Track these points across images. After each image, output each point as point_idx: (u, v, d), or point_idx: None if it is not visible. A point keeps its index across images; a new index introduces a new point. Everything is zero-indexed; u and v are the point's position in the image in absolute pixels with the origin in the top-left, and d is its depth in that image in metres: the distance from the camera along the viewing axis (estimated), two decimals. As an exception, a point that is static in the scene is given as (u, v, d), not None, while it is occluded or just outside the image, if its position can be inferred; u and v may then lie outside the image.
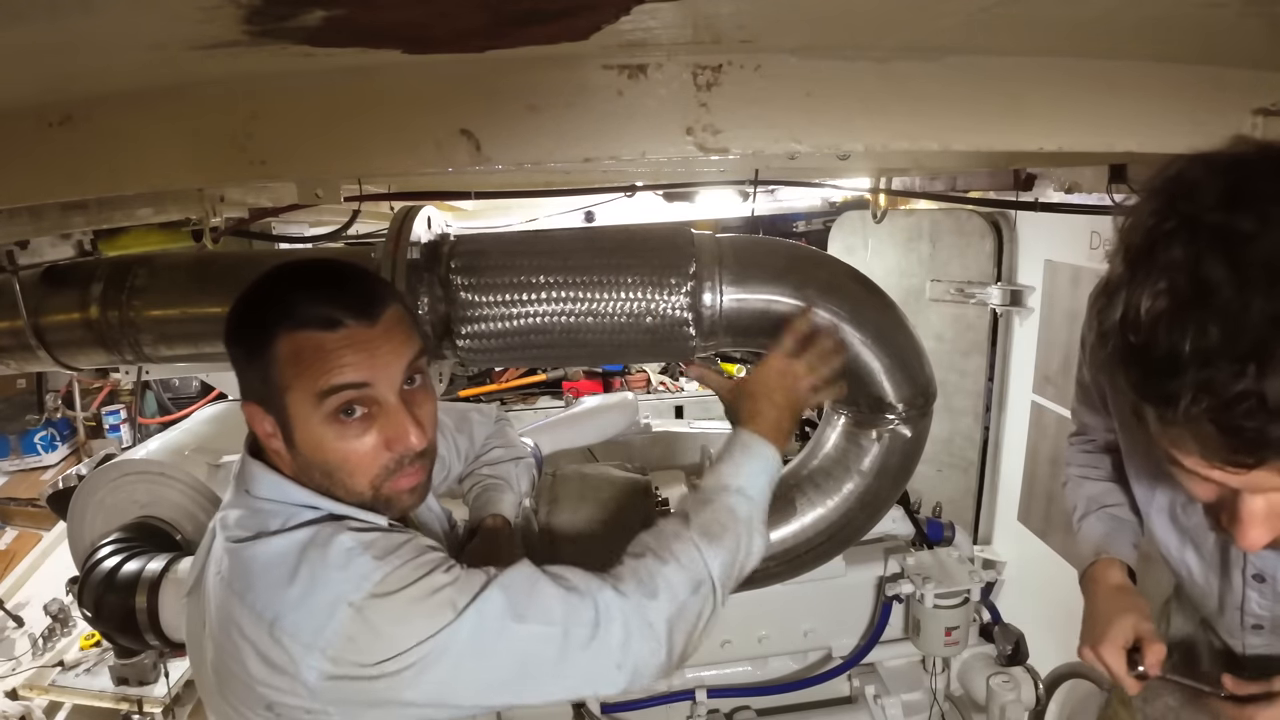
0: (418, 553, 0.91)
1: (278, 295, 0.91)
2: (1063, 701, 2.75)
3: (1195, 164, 0.70)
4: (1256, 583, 1.08)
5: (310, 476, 0.94)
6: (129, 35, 0.74)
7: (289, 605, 0.84)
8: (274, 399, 0.90)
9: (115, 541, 1.73)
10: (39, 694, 2.34)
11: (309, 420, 0.90)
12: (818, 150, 1.02)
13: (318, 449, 0.91)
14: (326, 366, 0.88)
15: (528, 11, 0.78)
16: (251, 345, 0.90)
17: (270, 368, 0.89)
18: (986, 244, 3.23)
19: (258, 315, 0.91)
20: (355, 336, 0.89)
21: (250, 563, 0.88)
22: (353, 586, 0.84)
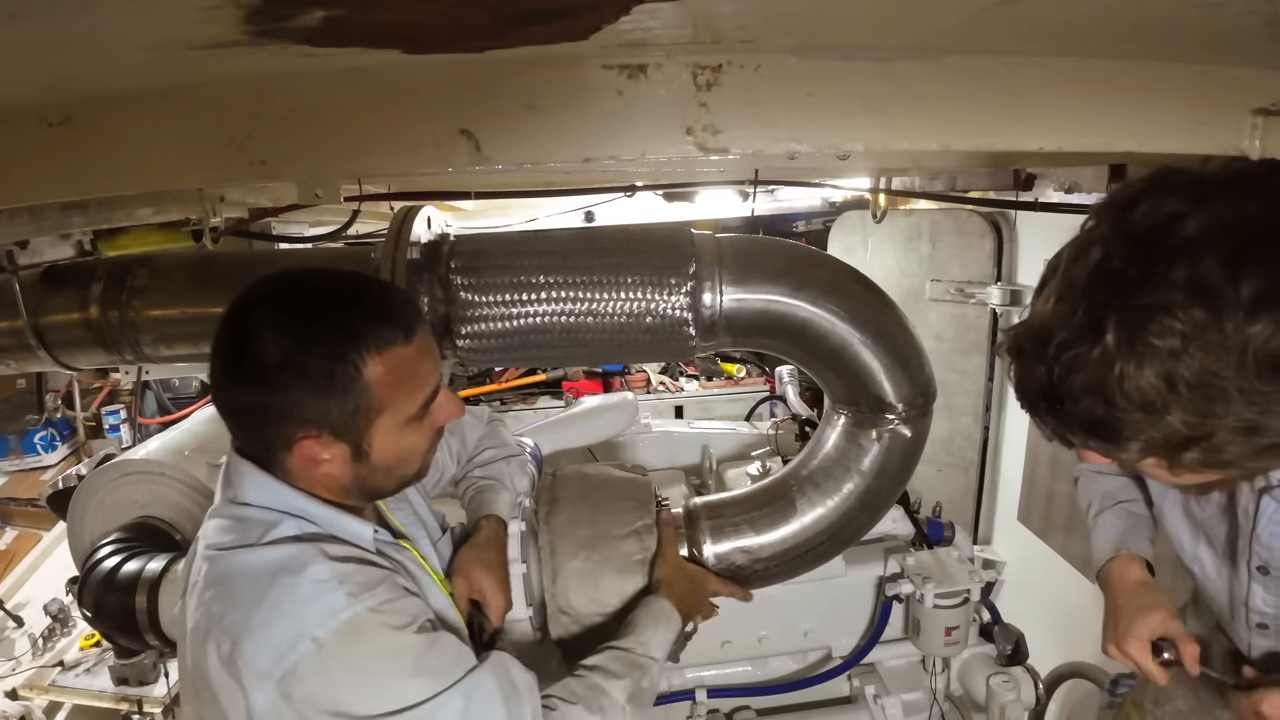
0: (395, 595, 0.90)
1: (343, 325, 0.88)
2: (1063, 701, 2.75)
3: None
4: (1261, 575, 1.09)
5: (367, 481, 0.96)
6: (129, 35, 0.74)
7: (252, 629, 0.83)
8: (358, 423, 0.90)
9: (115, 541, 1.73)
10: (39, 694, 2.34)
11: (398, 432, 0.93)
12: (818, 150, 1.02)
13: (397, 452, 0.95)
14: (418, 377, 0.93)
15: (528, 11, 0.78)
16: (333, 381, 0.87)
17: (361, 396, 0.88)
18: (986, 244, 3.23)
19: (333, 350, 0.87)
20: (422, 343, 0.94)
21: (224, 576, 0.88)
22: (318, 621, 0.83)
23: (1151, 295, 0.70)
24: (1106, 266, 0.73)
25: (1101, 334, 0.72)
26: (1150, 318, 0.70)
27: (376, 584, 0.89)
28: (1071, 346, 0.74)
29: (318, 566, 0.87)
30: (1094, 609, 2.23)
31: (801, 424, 2.51)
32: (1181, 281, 0.68)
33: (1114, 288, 0.72)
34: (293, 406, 0.88)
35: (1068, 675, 2.57)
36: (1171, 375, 0.70)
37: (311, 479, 0.95)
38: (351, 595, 0.86)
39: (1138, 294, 0.71)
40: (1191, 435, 0.74)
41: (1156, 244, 0.71)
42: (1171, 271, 0.69)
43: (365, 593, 0.87)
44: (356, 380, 0.87)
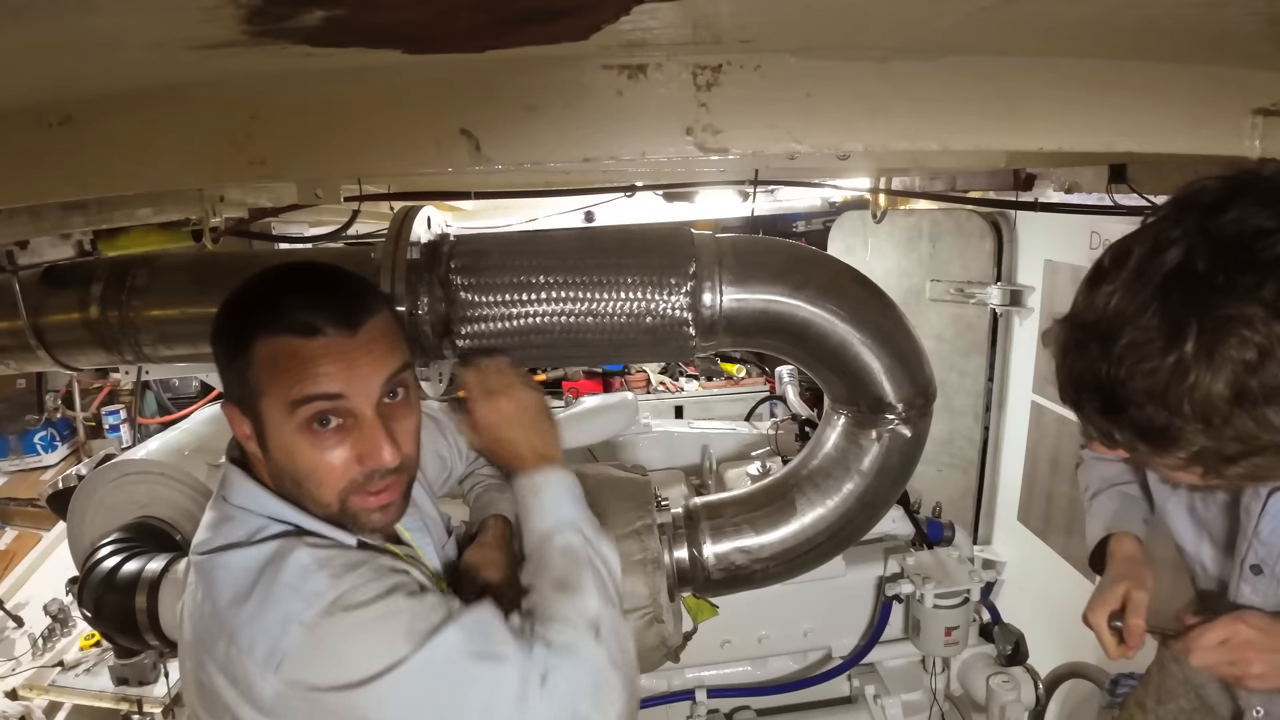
0: (377, 574, 0.89)
1: (263, 297, 0.90)
2: (1063, 701, 2.75)
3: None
4: (1253, 574, 1.09)
5: (281, 483, 0.93)
6: (129, 35, 0.74)
7: (244, 620, 0.83)
8: (251, 402, 0.90)
9: (115, 541, 1.73)
10: (39, 694, 2.34)
11: (282, 427, 0.89)
12: (818, 150, 1.02)
13: (289, 456, 0.90)
14: (301, 375, 0.87)
15: (528, 11, 0.78)
16: (231, 346, 0.90)
17: (247, 370, 0.88)
18: (986, 244, 3.23)
19: (241, 316, 0.90)
20: (333, 346, 0.87)
21: (214, 574, 0.88)
22: (304, 604, 0.83)
23: (1236, 306, 0.68)
24: (1190, 269, 0.71)
25: (1180, 340, 0.70)
26: (1232, 329, 0.68)
27: (359, 564, 0.89)
28: (1141, 349, 0.72)
29: (300, 553, 0.87)
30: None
31: (801, 424, 2.51)
32: (1269, 298, 0.67)
33: (1197, 293, 0.70)
34: (221, 371, 0.94)
35: (1068, 675, 2.57)
36: (1242, 389, 0.69)
37: (254, 461, 0.96)
38: (334, 577, 0.86)
39: (1223, 302, 0.69)
40: (1243, 450, 0.73)
41: (1246, 255, 0.69)
42: (1261, 288, 0.68)
43: (349, 573, 0.87)
44: (244, 354, 0.88)
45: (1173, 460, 0.77)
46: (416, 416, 0.97)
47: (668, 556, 1.48)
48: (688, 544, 1.51)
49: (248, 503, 0.94)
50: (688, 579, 1.53)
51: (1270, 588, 1.08)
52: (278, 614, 0.83)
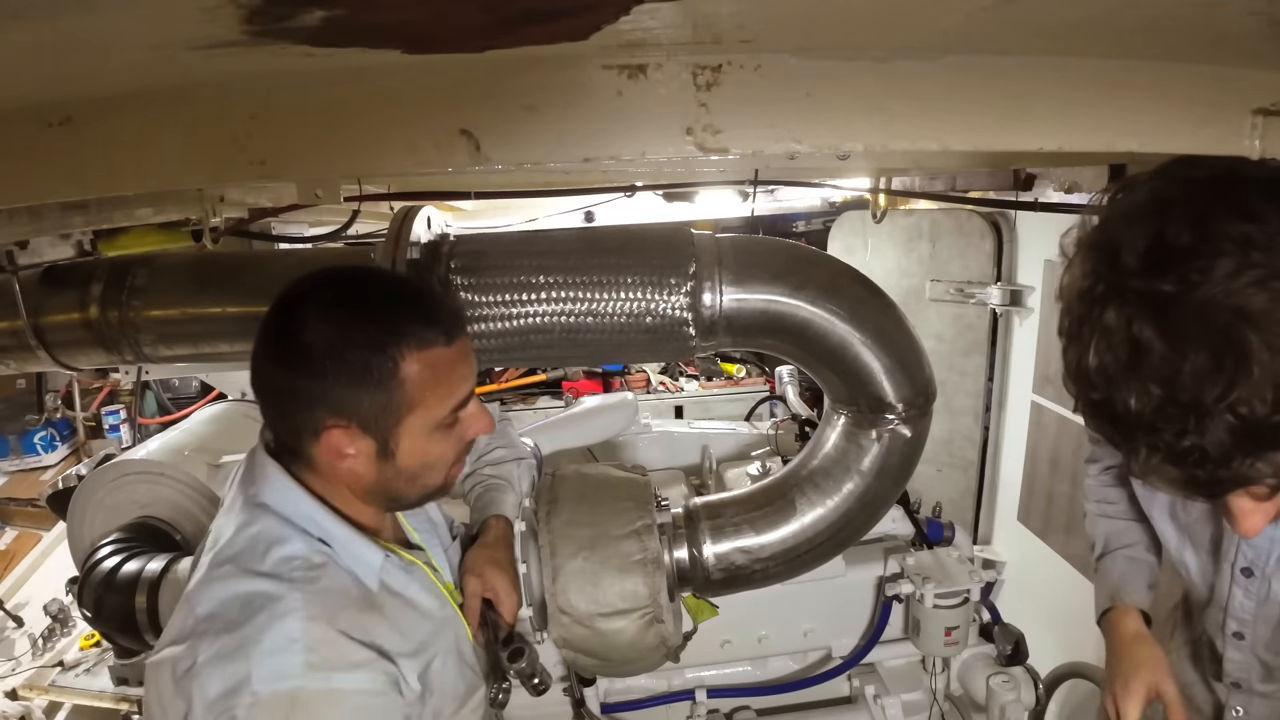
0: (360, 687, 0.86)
1: (386, 321, 0.90)
2: (1062, 701, 2.75)
3: (1117, 220, 0.73)
4: (1244, 577, 1.09)
5: (389, 487, 0.95)
6: (129, 35, 0.74)
7: (214, 655, 0.82)
8: (387, 419, 0.90)
9: (115, 541, 1.73)
10: (39, 694, 2.34)
11: (423, 432, 0.92)
12: (818, 150, 1.02)
13: (423, 456, 0.94)
14: (451, 380, 0.93)
15: (527, 11, 0.78)
16: (369, 371, 0.88)
17: (397, 390, 0.89)
18: (986, 244, 3.23)
19: (370, 339, 0.88)
20: (461, 347, 0.95)
21: (214, 592, 0.87)
22: (265, 676, 0.81)
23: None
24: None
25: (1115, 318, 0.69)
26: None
27: (350, 668, 0.86)
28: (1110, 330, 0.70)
29: (293, 622, 0.84)
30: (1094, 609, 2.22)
31: (801, 424, 2.51)
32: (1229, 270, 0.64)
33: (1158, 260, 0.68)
34: (327, 393, 0.89)
35: (1068, 675, 2.57)
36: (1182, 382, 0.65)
37: (335, 474, 0.94)
38: (310, 666, 0.83)
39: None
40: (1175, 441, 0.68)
41: (1217, 235, 0.66)
42: (1220, 262, 0.64)
43: (327, 670, 0.84)
44: (393, 375, 0.88)
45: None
46: None
47: (668, 556, 1.48)
48: (688, 544, 1.51)
49: (282, 504, 0.93)
50: (688, 579, 1.53)
51: (1262, 589, 1.07)
52: (241, 670, 0.81)
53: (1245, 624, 1.12)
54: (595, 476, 1.54)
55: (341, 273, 0.96)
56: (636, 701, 2.02)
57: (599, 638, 1.41)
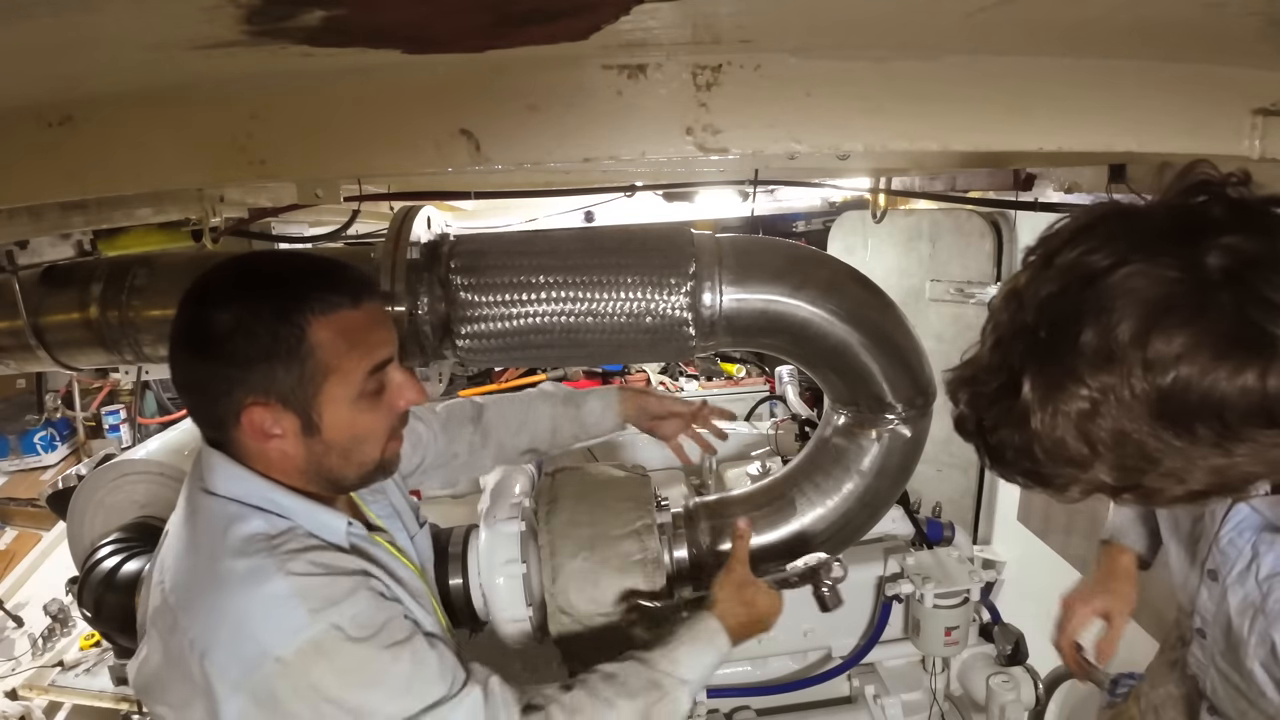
0: (360, 608, 0.88)
1: (284, 286, 0.90)
2: (1062, 701, 2.75)
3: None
4: (1210, 579, 1.09)
5: (322, 462, 0.93)
6: (129, 35, 0.74)
7: (219, 643, 0.83)
8: (306, 390, 0.89)
9: (115, 541, 1.73)
10: (39, 694, 2.34)
11: (345, 402, 0.91)
12: (817, 150, 1.02)
13: (349, 427, 0.92)
14: (365, 343, 0.91)
15: (528, 11, 0.78)
16: (278, 342, 0.88)
17: (309, 358, 0.88)
18: (986, 244, 3.23)
19: (277, 309, 0.88)
20: (372, 311, 0.93)
21: (189, 580, 0.88)
22: (280, 639, 0.83)
23: (1061, 361, 0.69)
24: (1022, 323, 0.73)
25: (1018, 394, 0.72)
26: (1060, 384, 0.69)
27: (342, 597, 0.87)
28: (996, 402, 0.75)
29: (277, 582, 0.85)
30: (1094, 609, 2.17)
31: (801, 424, 2.51)
32: (1091, 347, 0.67)
33: (1028, 348, 0.72)
34: (241, 372, 0.88)
35: (1068, 675, 2.56)
36: (1088, 436, 0.69)
37: (267, 459, 0.92)
38: (313, 611, 0.84)
39: (1049, 358, 0.70)
40: (1123, 484, 0.73)
41: (1071, 303, 0.69)
42: (1083, 336, 0.68)
43: (329, 608, 0.85)
44: (301, 342, 0.87)
45: (1072, 496, 0.77)
46: None
47: (668, 556, 1.48)
48: (687, 544, 1.51)
49: (232, 489, 0.92)
50: (688, 579, 1.53)
51: (1218, 594, 1.07)
52: (253, 647, 0.82)
53: (1206, 623, 1.13)
54: (595, 476, 1.54)
55: (239, 258, 0.96)
56: (636, 701, 2.01)
57: (599, 638, 1.41)
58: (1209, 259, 0.65)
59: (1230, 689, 1.12)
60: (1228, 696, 1.14)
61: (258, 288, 0.90)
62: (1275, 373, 0.63)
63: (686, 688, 1.12)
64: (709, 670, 1.17)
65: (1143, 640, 2.58)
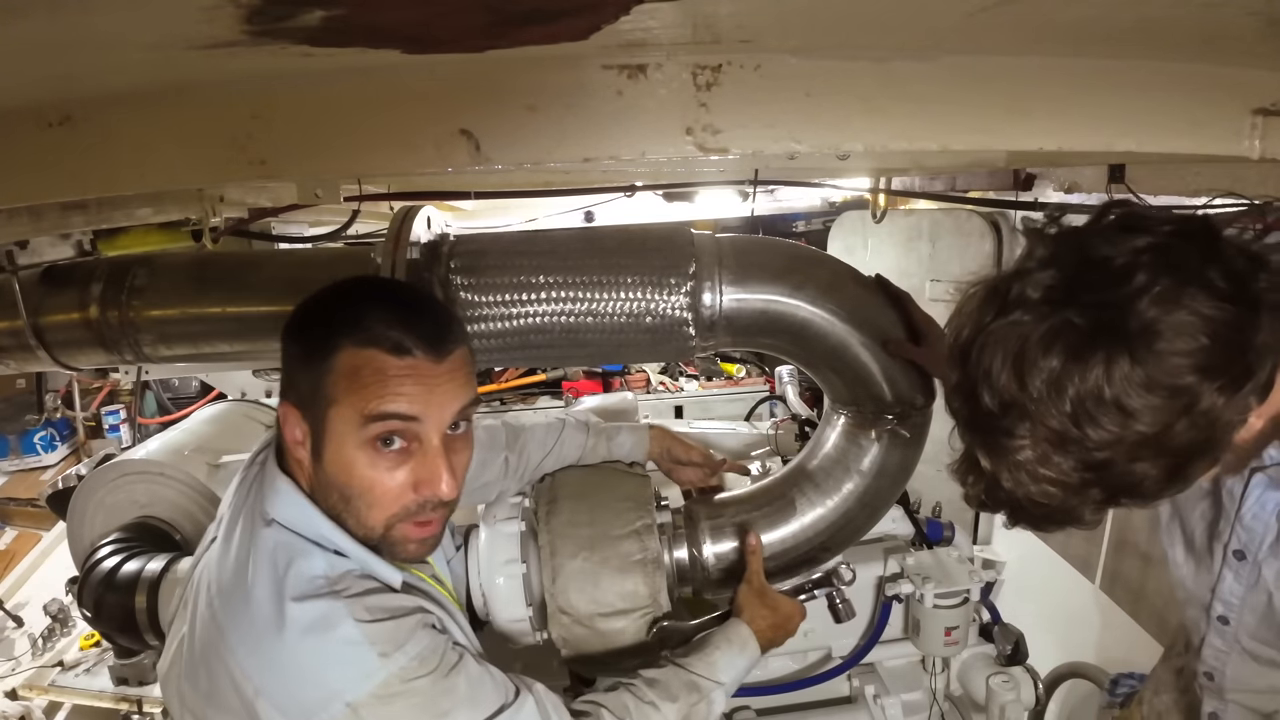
0: (423, 644, 0.88)
1: (353, 305, 0.89)
2: (1062, 701, 2.75)
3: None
4: (1236, 560, 1.08)
5: (326, 497, 0.91)
6: (129, 34, 0.74)
7: (280, 683, 0.82)
8: (316, 407, 0.88)
9: (115, 541, 1.73)
10: (39, 694, 2.34)
11: (345, 439, 0.87)
12: (817, 150, 1.03)
13: (345, 470, 0.88)
14: (382, 391, 0.86)
15: (528, 11, 0.78)
16: (311, 348, 0.88)
17: (324, 376, 0.87)
18: (986, 244, 3.23)
19: (329, 320, 0.89)
20: (420, 368, 0.88)
21: (246, 611, 0.86)
22: (352, 685, 0.83)
23: (991, 429, 0.79)
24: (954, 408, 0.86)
25: (980, 467, 0.85)
26: (1001, 448, 0.79)
27: (407, 638, 0.87)
28: (975, 480, 0.88)
29: (347, 628, 0.85)
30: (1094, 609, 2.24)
31: (801, 424, 2.51)
32: (1000, 408, 0.77)
33: (966, 427, 0.85)
34: (285, 363, 0.92)
35: (1068, 675, 2.57)
36: (1055, 474, 0.77)
37: (299, 463, 0.93)
38: (384, 656, 0.84)
39: (981, 430, 0.81)
40: (1112, 493, 0.79)
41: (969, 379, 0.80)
42: (986, 402, 0.78)
43: (397, 651, 0.86)
44: (325, 359, 0.87)
45: (1097, 518, 0.83)
46: (472, 450, 0.98)
47: (668, 556, 1.48)
48: (688, 544, 1.51)
49: (294, 520, 0.91)
50: (688, 579, 1.53)
51: (1253, 574, 1.06)
52: (320, 693, 0.82)
53: (1232, 608, 1.11)
54: (595, 476, 1.54)
55: (368, 277, 0.99)
56: (636, 701, 2.01)
57: (599, 638, 1.41)
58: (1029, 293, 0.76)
59: (1262, 667, 1.11)
60: (1254, 676, 1.12)
61: (332, 297, 0.92)
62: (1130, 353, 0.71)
63: (722, 690, 1.18)
64: (742, 674, 1.24)
65: (1142, 640, 2.59)
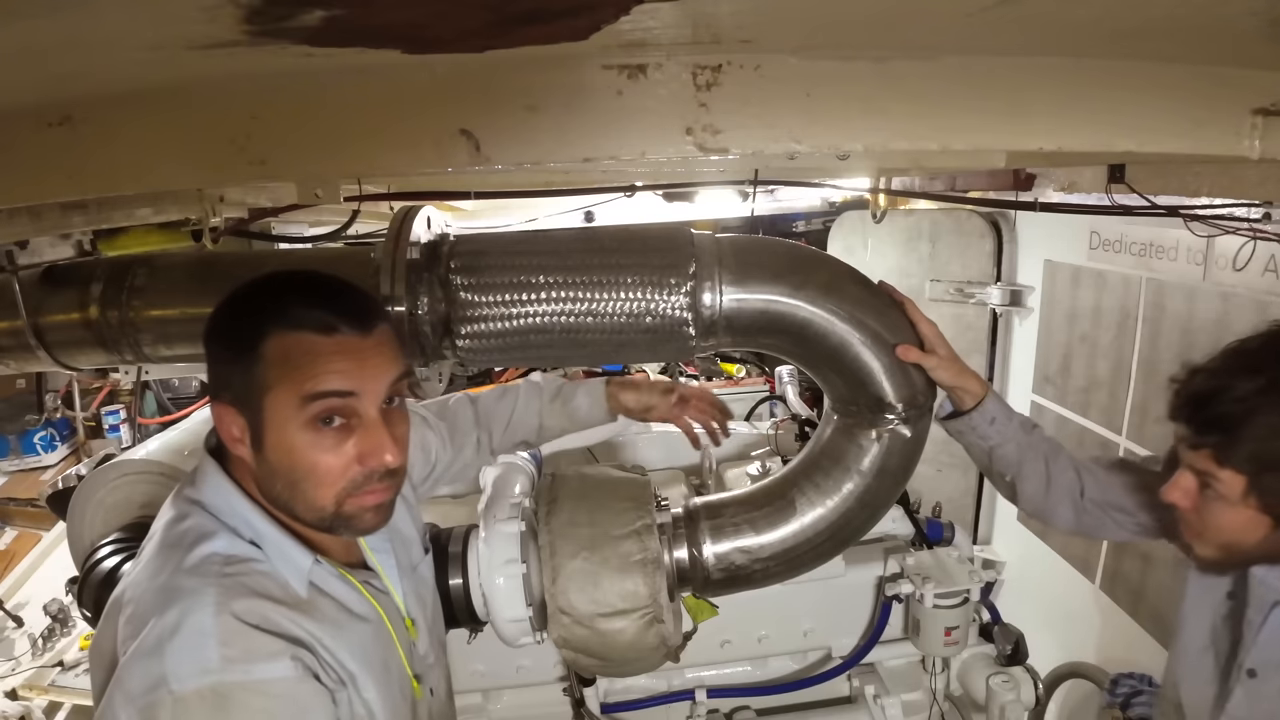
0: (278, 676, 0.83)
1: (273, 295, 0.90)
2: (1062, 701, 2.76)
3: None
4: (1248, 678, 1.13)
5: (271, 487, 0.91)
6: (129, 35, 0.74)
7: (135, 651, 0.81)
8: (252, 399, 0.88)
9: (115, 541, 1.73)
10: (39, 694, 2.34)
11: (286, 424, 0.87)
12: (817, 150, 1.02)
13: (288, 455, 0.88)
14: (315, 370, 0.87)
15: (528, 11, 0.78)
16: (238, 341, 0.89)
17: (255, 366, 0.87)
18: (986, 244, 3.24)
19: (249, 311, 0.90)
20: (348, 344, 0.89)
21: (144, 583, 0.87)
22: (182, 674, 0.79)
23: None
24: None
25: None
26: None
27: (266, 658, 0.83)
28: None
29: (206, 615, 0.82)
30: (1094, 609, 2.24)
31: (801, 424, 2.51)
32: None
33: None
34: (214, 366, 0.92)
35: (1068, 675, 2.57)
36: None
37: (240, 463, 0.92)
38: (227, 660, 0.80)
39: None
40: None
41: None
42: None
43: (245, 663, 0.81)
44: (253, 347, 0.87)
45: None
46: (409, 424, 0.98)
47: (668, 556, 1.48)
48: (688, 544, 1.51)
49: (215, 501, 0.92)
50: (688, 579, 1.53)
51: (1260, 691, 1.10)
52: (157, 669, 0.79)
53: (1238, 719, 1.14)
54: (595, 477, 1.54)
55: (282, 269, 0.96)
56: (636, 701, 2.02)
57: (599, 638, 1.41)
58: None
59: None
60: None
61: (251, 291, 0.92)
62: None
63: None
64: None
65: (1142, 640, 2.59)
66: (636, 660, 1.47)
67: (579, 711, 1.90)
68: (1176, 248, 2.43)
